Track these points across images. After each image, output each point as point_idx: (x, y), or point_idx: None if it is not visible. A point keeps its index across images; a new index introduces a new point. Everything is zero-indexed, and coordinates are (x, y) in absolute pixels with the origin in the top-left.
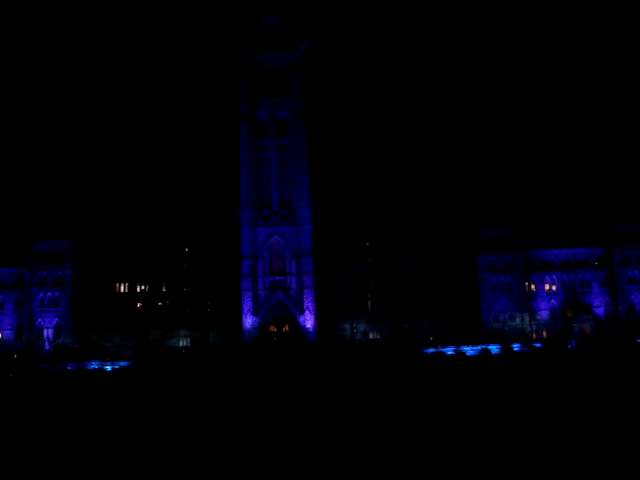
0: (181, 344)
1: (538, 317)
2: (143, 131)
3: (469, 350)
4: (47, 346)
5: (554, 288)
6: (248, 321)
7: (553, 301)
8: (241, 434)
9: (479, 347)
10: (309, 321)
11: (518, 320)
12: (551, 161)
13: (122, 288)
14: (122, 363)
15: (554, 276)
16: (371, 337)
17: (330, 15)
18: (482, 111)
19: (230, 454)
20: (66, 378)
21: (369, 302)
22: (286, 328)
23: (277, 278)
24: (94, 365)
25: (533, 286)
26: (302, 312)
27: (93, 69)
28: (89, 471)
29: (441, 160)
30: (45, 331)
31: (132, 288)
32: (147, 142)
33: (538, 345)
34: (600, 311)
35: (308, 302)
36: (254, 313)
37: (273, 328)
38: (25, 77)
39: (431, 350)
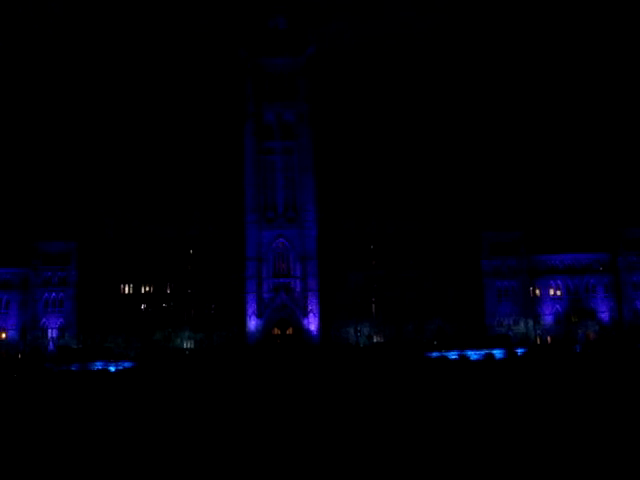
0: (185, 345)
1: (542, 322)
2: (149, 132)
3: (473, 354)
4: (51, 346)
5: (558, 293)
6: (252, 323)
7: (557, 306)
8: (243, 436)
9: (483, 351)
10: (313, 324)
11: (522, 325)
12: (556, 166)
13: (126, 289)
14: (126, 364)
15: (559, 281)
16: (375, 340)
17: (336, 19)
18: (487, 115)
19: (231, 455)
20: (70, 378)
21: (373, 305)
22: (290, 331)
23: (281, 280)
24: (98, 366)
25: (537, 291)
26: (306, 315)
27: (99, 69)
28: (91, 470)
29: (446, 164)
30: (49, 331)
31: (136, 289)
32: (153, 144)
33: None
34: (605, 316)
35: (312, 305)
36: (258, 315)
37: (277, 330)
38: (31, 77)
39: (435, 354)
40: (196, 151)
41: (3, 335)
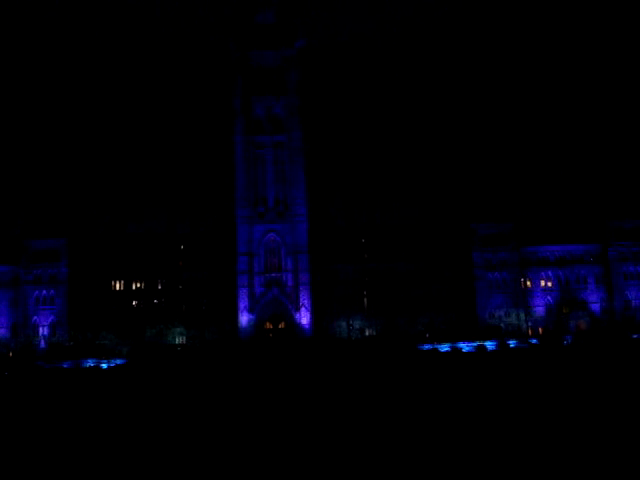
0: (177, 341)
1: (534, 313)
2: (138, 129)
3: (465, 346)
4: (43, 344)
5: (550, 284)
6: (244, 318)
7: (549, 297)
8: (237, 433)
9: (475, 343)
10: (305, 318)
11: (514, 316)
12: (545, 158)
13: (117, 286)
14: (118, 361)
15: (549, 272)
16: (367, 334)
17: (325, 12)
18: (477, 108)
19: (225, 453)
20: (62, 376)
21: (365, 299)
22: (282, 325)
23: (273, 275)
24: (90, 363)
25: (529, 282)
26: (298, 309)
27: (88, 66)
28: (84, 469)
29: (436, 157)
30: (41, 329)
31: (127, 286)
32: (142, 140)
33: (534, 341)
34: (596, 307)
35: (304, 299)
36: (250, 310)
37: (269, 325)
38: (22, 76)
39: (427, 346)
40: (186, 147)
41: None
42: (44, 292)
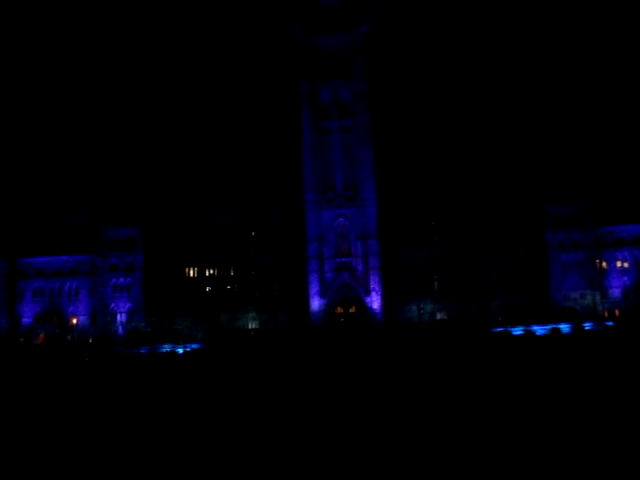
0: (250, 326)
1: (610, 295)
2: (208, 117)
3: (539, 329)
4: (121, 330)
5: (626, 265)
6: (315, 303)
7: (625, 278)
8: (316, 416)
9: (549, 326)
10: (375, 302)
11: (589, 298)
12: (618, 136)
13: (191, 273)
14: (193, 345)
15: (626, 253)
16: (438, 317)
17: None
18: (547, 88)
19: (308, 434)
20: (140, 361)
21: (435, 282)
22: (353, 309)
23: (343, 260)
24: (166, 348)
25: (604, 263)
26: (368, 293)
27: (156, 58)
28: (166, 448)
29: (506, 137)
30: (118, 316)
31: (201, 272)
32: (211, 129)
33: (610, 324)
34: None
35: (374, 283)
36: (321, 295)
37: (340, 309)
38: (92, 65)
39: (499, 329)
40: (253, 134)
41: (74, 321)
42: (121, 280)
